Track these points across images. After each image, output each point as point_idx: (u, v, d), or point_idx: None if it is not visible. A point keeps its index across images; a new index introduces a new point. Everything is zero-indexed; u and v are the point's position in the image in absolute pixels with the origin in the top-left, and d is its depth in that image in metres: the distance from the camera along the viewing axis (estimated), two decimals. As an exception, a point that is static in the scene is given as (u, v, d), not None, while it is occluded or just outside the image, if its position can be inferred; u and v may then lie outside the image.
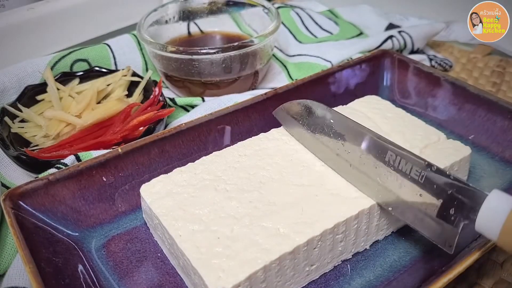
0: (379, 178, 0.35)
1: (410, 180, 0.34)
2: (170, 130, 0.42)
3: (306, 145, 0.41)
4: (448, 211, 0.32)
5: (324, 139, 0.39)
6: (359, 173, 0.36)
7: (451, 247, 0.31)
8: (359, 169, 0.37)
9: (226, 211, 0.35)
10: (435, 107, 0.51)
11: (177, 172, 0.39)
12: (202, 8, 0.66)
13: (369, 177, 0.36)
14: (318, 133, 0.40)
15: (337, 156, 0.38)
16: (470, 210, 0.31)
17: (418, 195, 0.33)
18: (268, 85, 0.62)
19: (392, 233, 0.39)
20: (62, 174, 0.38)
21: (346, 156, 0.38)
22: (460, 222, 0.31)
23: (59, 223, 0.37)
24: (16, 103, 0.50)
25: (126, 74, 0.55)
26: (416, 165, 0.34)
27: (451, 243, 0.31)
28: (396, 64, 0.54)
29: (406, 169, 0.34)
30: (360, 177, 0.36)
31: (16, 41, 0.59)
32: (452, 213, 0.31)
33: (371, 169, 0.36)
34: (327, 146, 0.39)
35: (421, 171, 0.33)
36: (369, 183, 0.36)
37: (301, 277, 0.34)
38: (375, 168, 0.36)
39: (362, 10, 0.78)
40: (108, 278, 0.35)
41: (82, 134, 0.47)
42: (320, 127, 0.40)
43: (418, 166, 0.34)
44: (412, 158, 0.34)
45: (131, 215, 0.40)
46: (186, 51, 0.52)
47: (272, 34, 0.55)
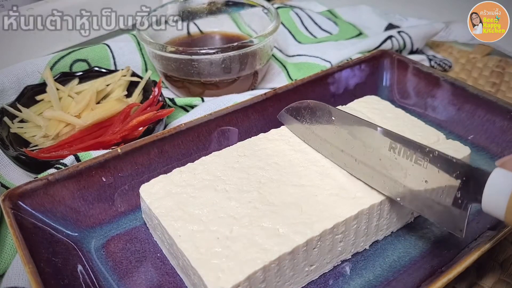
0: (385, 170, 0.35)
1: (414, 168, 0.34)
2: (169, 131, 0.42)
3: (312, 145, 0.41)
4: (454, 195, 0.32)
5: (328, 137, 0.39)
6: (365, 167, 0.37)
7: (461, 231, 0.31)
8: (365, 163, 0.37)
9: (225, 211, 0.35)
10: (434, 107, 0.51)
11: (177, 172, 0.39)
12: (201, 8, 0.66)
13: (375, 170, 0.36)
14: (322, 131, 0.40)
15: (342, 152, 0.38)
16: (475, 191, 0.30)
17: (424, 182, 0.33)
18: (267, 85, 0.62)
19: (392, 233, 0.39)
20: (62, 175, 0.38)
21: (351, 152, 0.38)
22: (467, 204, 0.31)
23: (59, 223, 0.37)
24: (15, 103, 0.50)
25: (126, 74, 0.55)
26: (419, 152, 0.34)
27: (461, 227, 0.31)
28: (396, 64, 0.54)
29: (410, 157, 0.34)
30: (366, 171, 0.37)
31: (15, 41, 0.59)
32: (458, 196, 0.31)
33: (376, 161, 0.36)
34: (331, 144, 0.39)
35: (424, 157, 0.34)
36: (375, 176, 0.36)
37: (300, 277, 0.34)
38: (379, 160, 0.36)
39: (362, 10, 0.78)
40: (107, 278, 0.35)
41: (82, 134, 0.47)
42: (324, 126, 0.40)
43: (421, 153, 0.34)
44: (414, 145, 0.34)
45: (130, 215, 0.40)
46: (185, 51, 0.52)
47: (271, 34, 0.55)
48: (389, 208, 0.37)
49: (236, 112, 0.46)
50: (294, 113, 0.43)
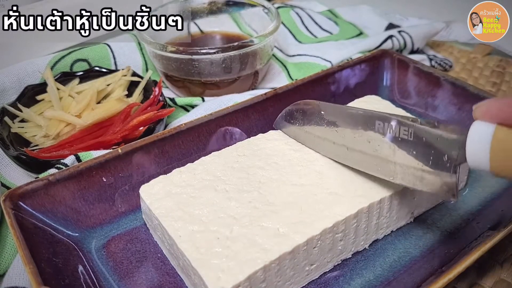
0: (375, 151, 0.35)
1: (401, 142, 0.34)
2: (170, 131, 0.42)
3: (307, 145, 0.41)
4: (441, 159, 0.31)
5: (319, 133, 0.40)
6: (356, 153, 0.37)
7: (454, 196, 0.31)
8: (355, 149, 0.37)
9: (225, 211, 0.35)
10: (435, 107, 0.51)
11: (177, 172, 0.39)
12: (202, 8, 0.66)
13: (366, 153, 0.36)
14: (313, 129, 0.40)
15: (334, 144, 0.38)
16: (458, 149, 0.30)
17: (412, 154, 0.33)
18: (268, 85, 0.62)
19: (392, 233, 0.39)
20: (62, 175, 0.38)
21: (342, 141, 0.38)
22: (455, 166, 0.31)
23: (59, 224, 0.37)
24: (16, 103, 0.50)
25: (126, 74, 0.55)
26: (402, 125, 0.34)
27: (453, 191, 0.31)
28: (396, 64, 0.54)
29: (395, 132, 0.34)
30: (358, 157, 0.37)
31: (15, 41, 0.59)
32: (445, 159, 0.31)
33: (366, 145, 0.36)
34: (323, 138, 0.40)
35: (408, 128, 0.34)
36: (366, 159, 0.36)
37: (301, 277, 0.34)
38: (368, 143, 0.36)
39: (362, 10, 0.78)
40: (108, 279, 0.35)
41: (82, 134, 0.47)
42: (314, 122, 0.41)
43: (404, 125, 0.34)
44: (397, 119, 0.34)
45: (131, 216, 0.40)
46: (186, 51, 0.52)
47: (272, 34, 0.55)
48: (388, 206, 0.37)
49: (237, 112, 0.46)
50: (288, 117, 0.43)
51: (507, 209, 0.39)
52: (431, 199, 0.40)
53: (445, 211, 0.41)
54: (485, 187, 0.43)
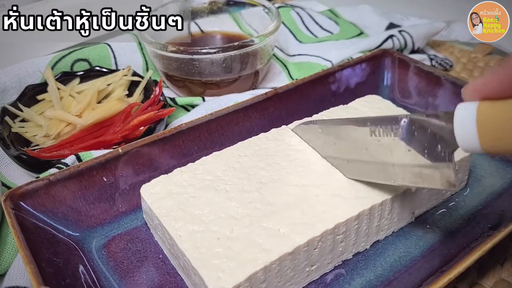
0: (373, 157, 0.35)
1: (396, 142, 0.34)
2: (170, 130, 0.42)
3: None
4: (436, 150, 0.31)
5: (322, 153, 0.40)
6: (356, 164, 0.37)
7: (454, 185, 0.31)
8: (355, 160, 0.37)
9: (226, 211, 0.35)
10: (435, 107, 0.51)
11: (177, 172, 0.39)
12: (202, 8, 0.66)
13: (366, 162, 0.36)
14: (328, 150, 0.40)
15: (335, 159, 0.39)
16: (449, 135, 0.30)
17: (408, 151, 0.33)
18: (268, 85, 0.62)
19: (393, 233, 0.39)
20: (63, 175, 0.38)
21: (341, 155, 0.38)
22: (449, 154, 0.31)
23: (60, 224, 0.37)
24: (16, 102, 0.50)
25: (127, 73, 0.55)
26: (394, 123, 0.34)
27: (452, 180, 0.31)
28: (397, 63, 0.54)
29: (389, 133, 0.34)
30: (358, 168, 0.37)
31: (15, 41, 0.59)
32: (440, 149, 0.31)
33: (364, 152, 0.36)
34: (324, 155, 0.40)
35: (398, 127, 0.33)
36: (367, 168, 0.36)
37: (301, 277, 0.34)
38: (366, 150, 0.36)
39: (363, 9, 0.78)
40: (108, 278, 0.35)
41: (83, 134, 0.47)
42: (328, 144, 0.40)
43: (396, 124, 0.34)
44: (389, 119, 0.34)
45: (131, 215, 0.40)
46: (186, 50, 0.52)
47: (272, 34, 0.55)
48: (390, 209, 0.37)
49: (237, 111, 0.46)
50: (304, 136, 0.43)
51: (507, 209, 0.39)
52: (432, 198, 0.40)
53: (446, 211, 0.41)
54: (485, 187, 0.43)
